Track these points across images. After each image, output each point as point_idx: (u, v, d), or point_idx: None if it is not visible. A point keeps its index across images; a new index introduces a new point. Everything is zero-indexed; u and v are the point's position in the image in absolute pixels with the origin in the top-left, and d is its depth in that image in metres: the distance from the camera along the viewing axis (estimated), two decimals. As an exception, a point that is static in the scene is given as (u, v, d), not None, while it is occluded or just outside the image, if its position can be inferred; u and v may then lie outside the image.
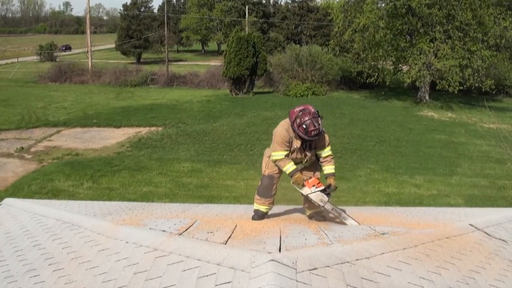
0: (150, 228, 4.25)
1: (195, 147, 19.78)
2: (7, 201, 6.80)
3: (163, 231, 4.09)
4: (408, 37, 31.50)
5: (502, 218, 5.36)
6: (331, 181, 5.16)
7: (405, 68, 33.55)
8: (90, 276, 3.54)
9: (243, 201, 12.98)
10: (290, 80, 35.49)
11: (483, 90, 30.19)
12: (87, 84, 39.98)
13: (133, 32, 60.76)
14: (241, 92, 33.65)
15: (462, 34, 29.48)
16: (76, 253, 4.02)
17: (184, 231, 4.11)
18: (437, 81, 30.57)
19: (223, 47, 60.28)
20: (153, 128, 23.35)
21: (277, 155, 5.12)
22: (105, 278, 3.43)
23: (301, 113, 4.85)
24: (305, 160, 5.21)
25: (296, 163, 5.23)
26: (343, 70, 37.20)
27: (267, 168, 5.31)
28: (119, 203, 6.74)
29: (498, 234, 4.77)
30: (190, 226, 4.37)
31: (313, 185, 5.09)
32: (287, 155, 5.10)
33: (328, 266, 3.17)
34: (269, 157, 5.28)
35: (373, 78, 32.19)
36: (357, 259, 3.38)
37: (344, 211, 5.25)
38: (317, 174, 5.31)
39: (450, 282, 3.50)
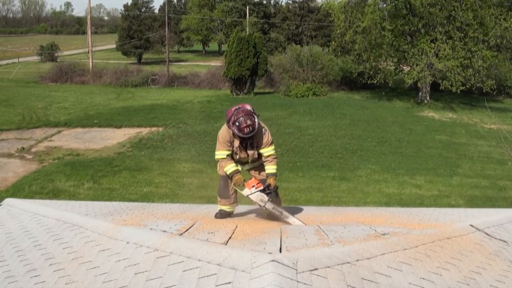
0: (150, 229, 4.25)
1: (195, 148, 19.77)
2: (8, 201, 6.80)
3: (164, 231, 4.09)
4: (409, 37, 31.50)
5: (503, 218, 5.36)
6: (271, 181, 5.22)
7: (406, 68, 33.53)
8: (90, 276, 3.55)
9: (243, 202, 12.99)
10: (290, 81, 35.49)
11: (484, 90, 30.18)
12: (88, 85, 40.00)
13: (134, 33, 60.75)
14: (241, 93, 33.65)
15: (462, 35, 29.47)
16: (77, 254, 4.03)
17: (184, 232, 4.12)
18: (439, 82, 30.53)
19: (224, 47, 60.27)
20: (153, 129, 23.36)
21: (219, 154, 5.25)
22: (106, 279, 3.43)
23: (236, 111, 5.00)
24: (249, 160, 5.30)
25: (242, 163, 5.34)
26: (343, 71, 37.19)
27: (221, 168, 5.38)
28: (119, 204, 6.75)
29: (498, 235, 4.77)
30: (191, 227, 4.37)
31: (253, 186, 5.16)
32: (229, 155, 5.21)
33: (328, 267, 3.17)
34: None
35: (375, 80, 32.10)
36: (358, 260, 3.38)
37: (286, 211, 5.27)
38: (263, 174, 5.36)
39: (451, 282, 3.50)
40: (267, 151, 5.26)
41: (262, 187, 5.14)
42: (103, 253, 3.86)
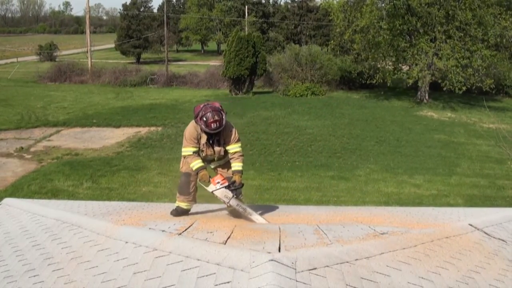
0: (149, 228, 4.26)
1: (194, 147, 19.74)
2: (7, 201, 6.79)
3: (163, 231, 4.09)
4: (408, 37, 31.50)
5: (502, 218, 5.36)
6: (236, 178, 5.29)
7: (404, 68, 33.52)
8: (89, 276, 3.54)
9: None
10: (289, 80, 35.47)
11: (483, 90, 30.19)
12: (87, 84, 39.96)
13: (133, 32, 60.69)
14: (240, 92, 33.65)
15: (462, 34, 29.48)
16: (76, 253, 4.02)
17: (183, 231, 4.12)
18: (440, 82, 30.54)
19: (223, 47, 60.25)
20: (152, 128, 23.34)
21: (185, 151, 5.35)
22: (105, 278, 3.43)
23: (204, 107, 5.12)
24: (216, 157, 5.37)
25: (209, 161, 5.41)
26: (342, 70, 37.18)
27: (184, 165, 5.45)
28: (118, 203, 6.75)
29: (497, 234, 4.77)
30: (190, 226, 4.38)
31: (218, 182, 5.24)
32: (195, 152, 5.29)
33: (327, 266, 3.17)
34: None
35: (375, 80, 32.08)
36: (357, 259, 3.38)
37: (250, 208, 5.33)
38: (230, 172, 5.44)
39: (450, 282, 3.50)
40: (234, 147, 5.35)
41: (227, 184, 5.23)
42: (102, 253, 3.86)
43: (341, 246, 3.57)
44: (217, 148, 5.30)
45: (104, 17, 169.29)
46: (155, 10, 77.36)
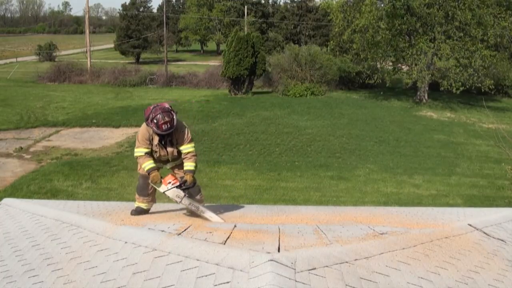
0: (149, 228, 4.25)
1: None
2: (6, 201, 6.79)
3: (162, 231, 4.09)
4: (407, 37, 31.51)
5: (501, 218, 5.36)
6: (187, 177, 5.32)
7: (404, 68, 33.54)
8: (89, 276, 3.54)
9: (242, 201, 12.98)
10: (289, 80, 35.48)
11: (482, 90, 30.23)
12: (86, 84, 39.93)
13: (132, 32, 60.67)
14: (240, 92, 33.64)
15: (461, 34, 29.50)
16: (75, 253, 4.02)
17: (183, 231, 4.11)
18: (439, 82, 30.56)
19: (222, 47, 60.24)
20: (152, 128, 23.32)
21: (138, 152, 5.39)
22: (104, 278, 3.43)
23: (154, 109, 5.12)
24: (170, 158, 5.42)
25: (163, 161, 5.46)
26: (341, 70, 37.20)
27: (141, 166, 5.48)
28: (118, 203, 6.74)
29: (497, 234, 4.77)
30: (189, 226, 4.37)
31: (169, 182, 5.28)
32: (148, 153, 5.32)
33: (327, 266, 3.17)
34: None
35: (373, 80, 32.11)
36: (356, 259, 3.38)
37: (203, 206, 5.37)
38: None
39: (449, 282, 3.50)
40: (186, 148, 5.36)
41: (178, 183, 5.25)
42: (102, 253, 3.86)
43: (341, 246, 3.57)
44: (169, 149, 5.33)
45: (104, 17, 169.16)
46: (154, 10, 77.43)
